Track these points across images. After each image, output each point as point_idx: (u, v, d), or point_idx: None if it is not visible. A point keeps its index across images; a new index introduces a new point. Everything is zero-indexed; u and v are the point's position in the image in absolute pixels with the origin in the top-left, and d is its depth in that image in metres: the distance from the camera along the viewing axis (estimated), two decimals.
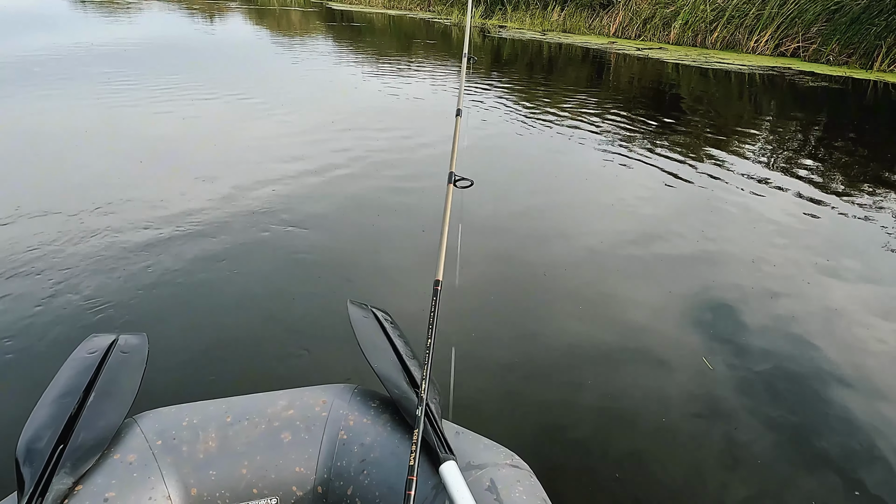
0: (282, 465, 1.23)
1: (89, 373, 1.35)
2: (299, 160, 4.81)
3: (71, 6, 16.67)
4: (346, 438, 1.27)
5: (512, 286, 3.07)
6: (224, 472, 1.20)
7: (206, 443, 1.23)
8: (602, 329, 2.73)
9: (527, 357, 2.50)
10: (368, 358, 1.43)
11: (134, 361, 1.44)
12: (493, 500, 1.10)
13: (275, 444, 1.24)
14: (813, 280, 3.27)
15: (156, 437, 1.22)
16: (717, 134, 6.43)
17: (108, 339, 1.50)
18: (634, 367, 2.47)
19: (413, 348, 1.57)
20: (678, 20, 12.85)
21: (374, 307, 1.75)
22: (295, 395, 1.35)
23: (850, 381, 2.44)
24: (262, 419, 1.28)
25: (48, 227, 3.40)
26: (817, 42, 11.14)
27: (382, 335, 1.57)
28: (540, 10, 15.71)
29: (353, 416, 1.31)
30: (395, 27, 16.46)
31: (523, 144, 5.74)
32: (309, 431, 1.27)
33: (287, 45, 12.37)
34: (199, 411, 1.29)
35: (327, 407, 1.32)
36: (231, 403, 1.33)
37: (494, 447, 1.26)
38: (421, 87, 8.30)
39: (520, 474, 1.19)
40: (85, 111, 5.99)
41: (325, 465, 1.25)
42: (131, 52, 9.73)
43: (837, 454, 2.06)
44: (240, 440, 1.24)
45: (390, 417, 1.31)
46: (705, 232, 3.82)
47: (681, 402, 2.28)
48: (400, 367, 1.42)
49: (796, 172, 5.15)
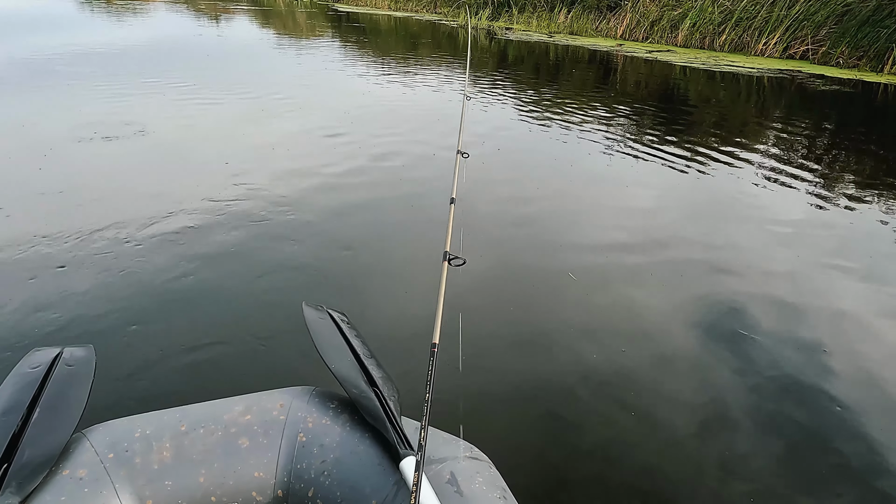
0: (240, 471, 1.22)
1: (33, 388, 1.30)
2: (292, 164, 4.75)
3: (78, 8, 16.74)
4: (305, 441, 1.26)
5: (515, 291, 3.03)
6: (180, 482, 1.19)
7: (161, 453, 1.20)
8: (609, 335, 2.68)
9: (529, 365, 2.45)
10: (325, 359, 1.43)
11: (80, 374, 1.39)
12: (453, 492, 1.11)
13: (232, 451, 1.24)
14: (822, 283, 3.22)
15: (107, 450, 1.19)
16: (725, 137, 6.36)
17: (53, 353, 1.45)
18: (641, 373, 2.43)
19: (370, 347, 1.56)
20: (686, 22, 12.77)
21: (329, 308, 1.74)
22: (252, 400, 1.34)
23: (860, 386, 2.41)
24: (218, 426, 1.26)
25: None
26: (827, 45, 11.04)
27: (339, 336, 1.56)
28: (546, 13, 15.66)
29: (312, 418, 1.30)
30: (401, 29, 16.44)
31: (528, 147, 5.69)
32: (267, 436, 1.26)
33: (292, 47, 12.37)
34: (152, 422, 1.27)
35: (285, 410, 1.31)
36: (185, 412, 1.30)
37: (454, 441, 1.27)
38: (425, 91, 8.25)
39: (479, 466, 1.20)
40: (82, 109, 5.98)
41: (285, 469, 1.24)
42: (133, 52, 9.75)
43: (850, 464, 2.02)
44: (196, 448, 1.22)
45: (349, 417, 1.31)
46: (713, 235, 3.77)
47: (687, 407, 2.25)
48: (357, 367, 1.42)
49: (805, 176, 5.08)
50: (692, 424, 2.16)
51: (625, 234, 3.72)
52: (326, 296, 2.85)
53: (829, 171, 5.38)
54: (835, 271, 3.36)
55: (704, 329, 2.75)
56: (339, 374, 1.38)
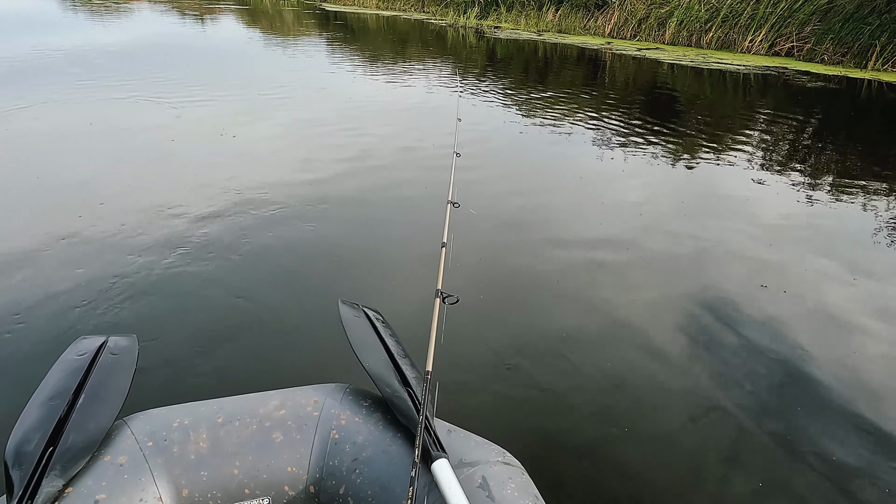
0: (273, 464, 1.23)
1: (78, 375, 1.33)
2: (286, 165, 4.74)
3: (61, 8, 16.53)
4: (338, 437, 1.27)
5: (508, 288, 3.03)
6: (215, 473, 1.20)
7: (198, 443, 1.22)
8: (598, 328, 2.70)
9: (524, 360, 2.45)
10: (360, 357, 1.43)
11: (124, 363, 1.42)
12: (485, 497, 1.10)
13: (266, 444, 1.25)
14: (807, 277, 3.25)
15: (146, 438, 1.22)
16: (712, 134, 6.41)
17: (98, 342, 1.48)
18: (631, 369, 2.43)
19: (405, 347, 1.56)
20: (673, 20, 12.86)
21: (365, 307, 1.75)
22: (286, 395, 1.35)
23: (845, 379, 2.42)
24: (253, 419, 1.28)
25: (39, 228, 3.32)
26: (811, 41, 11.17)
27: (374, 334, 1.57)
28: (535, 11, 15.70)
29: (345, 416, 1.31)
30: (389, 29, 16.41)
31: (518, 145, 5.69)
32: (301, 431, 1.28)
33: (279, 47, 12.29)
34: (189, 412, 1.29)
35: (319, 406, 1.32)
36: (222, 404, 1.32)
37: (486, 444, 1.26)
38: (412, 90, 8.24)
39: (511, 471, 1.19)
40: (77, 111, 5.91)
41: (317, 465, 1.25)
42: (116, 53, 9.64)
43: (835, 455, 2.04)
44: (231, 440, 1.24)
45: (382, 416, 1.31)
46: (700, 231, 3.79)
47: (678, 401, 2.26)
48: (392, 366, 1.42)
49: (791, 171, 5.14)
50: (683, 418, 2.17)
51: (613, 231, 3.71)
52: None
53: (816, 165, 5.43)
54: (821, 265, 3.38)
55: (699, 327, 2.75)
56: (372, 372, 1.38)
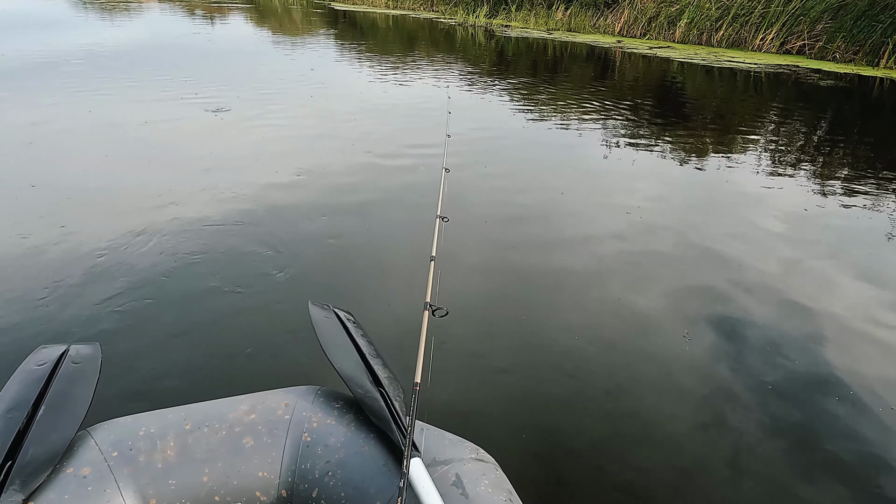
0: (244, 470, 1.21)
1: (38, 385, 1.30)
2: (282, 169, 4.64)
3: (73, 8, 16.63)
4: (309, 440, 1.25)
5: (513, 287, 3.04)
6: (184, 481, 1.18)
7: (165, 452, 1.20)
8: (606, 330, 2.70)
9: (526, 364, 2.45)
10: (330, 358, 1.42)
11: (86, 372, 1.38)
12: (458, 494, 1.11)
13: (236, 450, 1.22)
14: (820, 277, 3.25)
15: (111, 448, 1.18)
16: (723, 132, 6.48)
17: (59, 350, 1.44)
18: (637, 373, 2.42)
19: (376, 347, 1.54)
20: (683, 19, 12.93)
21: (336, 307, 1.72)
22: (257, 399, 1.33)
23: (862, 384, 2.39)
24: (222, 425, 1.25)
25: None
26: (823, 39, 11.24)
27: (345, 335, 1.55)
28: (544, 10, 15.77)
29: (317, 418, 1.29)
30: (398, 28, 16.49)
31: (525, 142, 5.76)
32: (271, 435, 1.26)
33: (287, 46, 12.36)
34: (156, 420, 1.26)
35: (290, 409, 1.30)
36: (190, 410, 1.30)
37: (459, 442, 1.26)
38: (419, 89, 8.26)
39: (485, 468, 1.19)
40: (77, 114, 6.00)
41: (289, 469, 1.23)
42: (121, 54, 9.70)
43: (844, 459, 2.03)
44: (200, 447, 1.21)
45: (354, 417, 1.30)
46: (710, 231, 3.78)
47: (684, 403, 2.25)
48: (363, 367, 1.41)
49: (803, 170, 5.18)
50: (689, 422, 2.17)
51: (619, 232, 3.72)
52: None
53: (827, 164, 5.48)
54: (832, 264, 3.39)
55: (707, 329, 2.74)
56: (344, 373, 1.36)
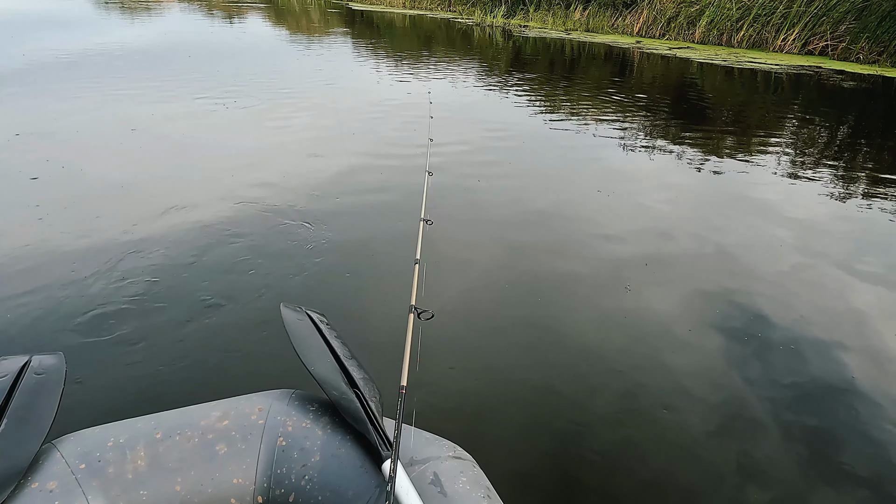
0: (218, 478, 1.19)
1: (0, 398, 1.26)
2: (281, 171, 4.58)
3: (95, 8, 16.88)
4: (285, 445, 1.24)
5: (523, 286, 3.03)
6: (156, 491, 1.15)
7: (135, 462, 1.17)
8: (619, 332, 2.67)
9: (535, 368, 2.42)
10: (304, 361, 1.41)
11: (50, 383, 1.34)
12: (437, 493, 1.10)
13: (210, 457, 1.20)
14: (838, 283, 3.19)
15: (78, 460, 1.15)
16: (742, 133, 6.42)
17: (20, 361, 1.40)
18: (652, 378, 2.38)
19: (350, 348, 1.52)
20: (703, 19, 12.84)
21: (308, 309, 1.69)
22: (230, 405, 1.31)
23: (883, 392, 2.35)
24: (194, 432, 1.23)
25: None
26: (846, 40, 11.10)
27: (318, 337, 1.53)
28: (562, 10, 15.74)
29: (292, 422, 1.27)
30: (415, 28, 16.54)
31: (541, 141, 5.75)
32: (245, 441, 1.23)
33: (305, 45, 12.45)
34: (125, 430, 1.23)
35: (264, 414, 1.28)
36: (160, 419, 1.27)
37: (436, 441, 1.26)
38: (434, 88, 8.27)
39: (463, 465, 1.19)
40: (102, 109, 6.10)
41: (265, 474, 1.21)
42: (144, 53, 9.86)
43: (864, 468, 2.00)
44: (171, 456, 1.19)
45: (330, 420, 1.29)
46: (728, 234, 3.73)
47: (699, 411, 2.22)
48: (338, 369, 1.39)
49: (824, 173, 5.10)
50: (705, 431, 2.13)
51: (635, 234, 3.68)
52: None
53: (850, 167, 5.40)
54: (853, 269, 3.33)
55: (725, 335, 2.69)
56: (318, 376, 1.35)
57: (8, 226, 3.40)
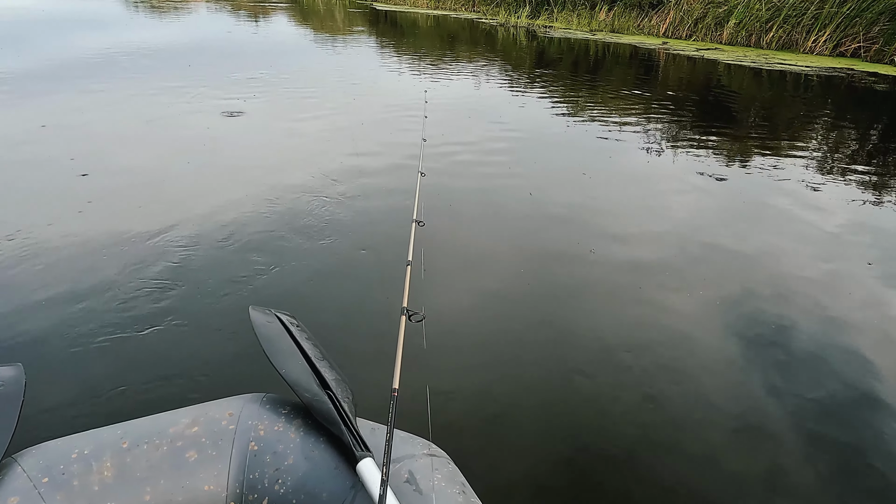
0: (189, 485, 1.17)
1: None
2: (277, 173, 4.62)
3: (125, 8, 17.19)
4: (257, 449, 1.22)
5: (548, 285, 3.03)
6: (124, 502, 1.12)
7: (101, 473, 1.13)
8: (625, 335, 2.65)
9: (529, 368, 2.41)
10: (274, 363, 1.39)
11: (8, 395, 1.29)
12: (412, 491, 1.10)
13: (179, 465, 1.18)
14: (866, 291, 3.12)
15: (41, 474, 1.11)
16: (770, 136, 6.29)
17: None
18: (673, 386, 2.35)
19: (322, 349, 1.51)
20: (731, 19, 12.63)
21: (278, 311, 1.68)
22: (199, 411, 1.28)
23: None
24: (163, 440, 1.20)
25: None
26: (880, 42, 10.83)
27: (288, 339, 1.52)
28: (587, 11, 15.61)
29: (264, 426, 1.26)
30: (438, 28, 16.55)
31: (564, 142, 5.72)
32: (216, 447, 1.21)
33: (328, 45, 12.53)
34: (90, 441, 1.19)
35: (235, 419, 1.26)
36: (127, 428, 1.24)
37: (410, 439, 1.26)
38: (457, 91, 8.26)
39: (437, 462, 1.19)
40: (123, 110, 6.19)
41: (237, 480, 1.20)
42: (159, 52, 10.01)
43: (891, 482, 1.96)
44: (139, 465, 1.16)
45: (303, 422, 1.27)
46: (751, 239, 3.66)
47: (720, 420, 2.19)
48: (309, 370, 1.38)
49: (854, 178, 4.99)
50: (725, 440, 2.09)
51: (657, 236, 3.65)
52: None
53: (882, 172, 5.27)
54: (883, 278, 3.26)
55: (748, 343, 2.65)
56: (289, 378, 1.34)
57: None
